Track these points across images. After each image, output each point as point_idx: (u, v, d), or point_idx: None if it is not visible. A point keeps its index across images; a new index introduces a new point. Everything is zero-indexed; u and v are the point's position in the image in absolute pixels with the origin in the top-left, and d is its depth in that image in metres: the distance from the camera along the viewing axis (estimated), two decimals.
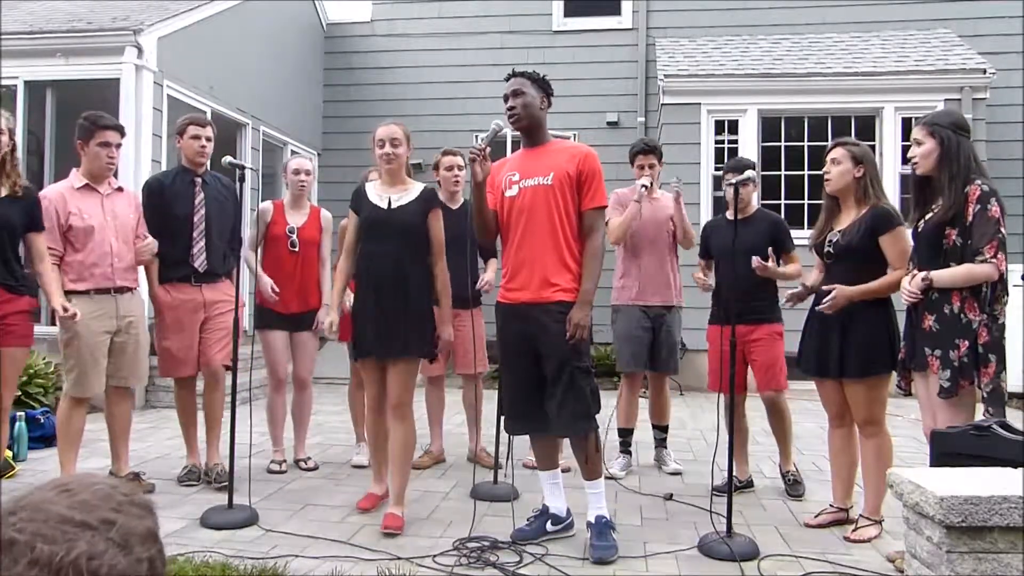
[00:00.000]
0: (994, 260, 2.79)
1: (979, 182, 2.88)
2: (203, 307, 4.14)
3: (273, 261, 4.48)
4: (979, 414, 2.85)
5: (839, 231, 3.42)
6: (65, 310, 3.56)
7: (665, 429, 4.78)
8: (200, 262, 4.13)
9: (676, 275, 4.65)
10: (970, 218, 2.85)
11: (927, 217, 3.04)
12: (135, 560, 0.73)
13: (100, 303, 3.82)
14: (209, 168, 4.30)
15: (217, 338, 4.15)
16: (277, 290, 4.38)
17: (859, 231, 3.34)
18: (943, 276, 2.88)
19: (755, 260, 3.82)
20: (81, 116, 3.92)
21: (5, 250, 3.56)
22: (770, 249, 4.02)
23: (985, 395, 2.83)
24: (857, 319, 3.33)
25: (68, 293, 3.75)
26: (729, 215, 4.13)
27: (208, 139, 4.21)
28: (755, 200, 4.44)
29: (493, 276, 4.56)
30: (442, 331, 3.58)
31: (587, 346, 3.22)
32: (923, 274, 2.90)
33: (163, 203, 4.12)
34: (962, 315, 2.86)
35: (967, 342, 2.83)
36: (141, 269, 4.13)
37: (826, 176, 3.45)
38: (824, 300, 3.34)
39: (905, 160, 7.92)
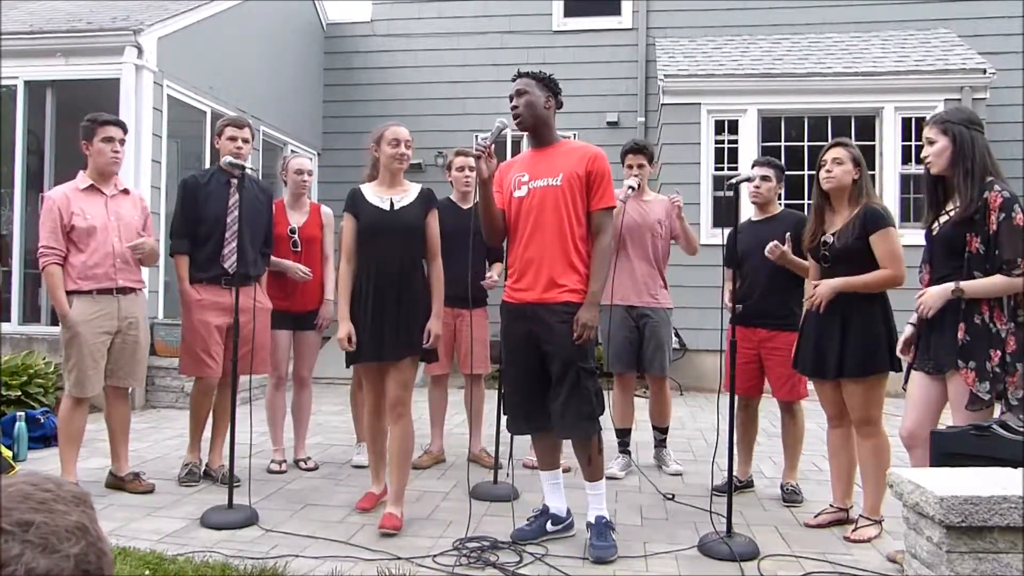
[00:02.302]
0: None
1: (998, 188, 2.83)
2: (232, 311, 4.11)
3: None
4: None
5: (832, 233, 3.41)
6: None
7: (665, 431, 4.76)
8: (231, 263, 4.11)
9: (662, 278, 4.59)
10: (994, 227, 2.79)
11: (942, 219, 2.98)
12: (61, 557, 0.71)
13: (102, 303, 3.82)
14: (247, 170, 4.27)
15: (247, 351, 4.08)
16: (308, 270, 4.40)
17: (853, 231, 3.33)
18: (975, 287, 2.80)
19: (771, 245, 3.71)
20: (84, 119, 3.93)
21: None
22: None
23: (1015, 402, 2.78)
24: (854, 319, 3.32)
25: (70, 293, 3.76)
26: (754, 216, 4.13)
27: (245, 140, 4.18)
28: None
29: (499, 275, 4.53)
30: (431, 325, 3.50)
31: (592, 347, 3.22)
32: (952, 286, 2.82)
33: (197, 202, 4.12)
34: (992, 325, 2.81)
35: (999, 352, 2.79)
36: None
37: (828, 175, 3.43)
38: (809, 298, 3.34)
39: (905, 160, 7.98)
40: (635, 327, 4.50)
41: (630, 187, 4.40)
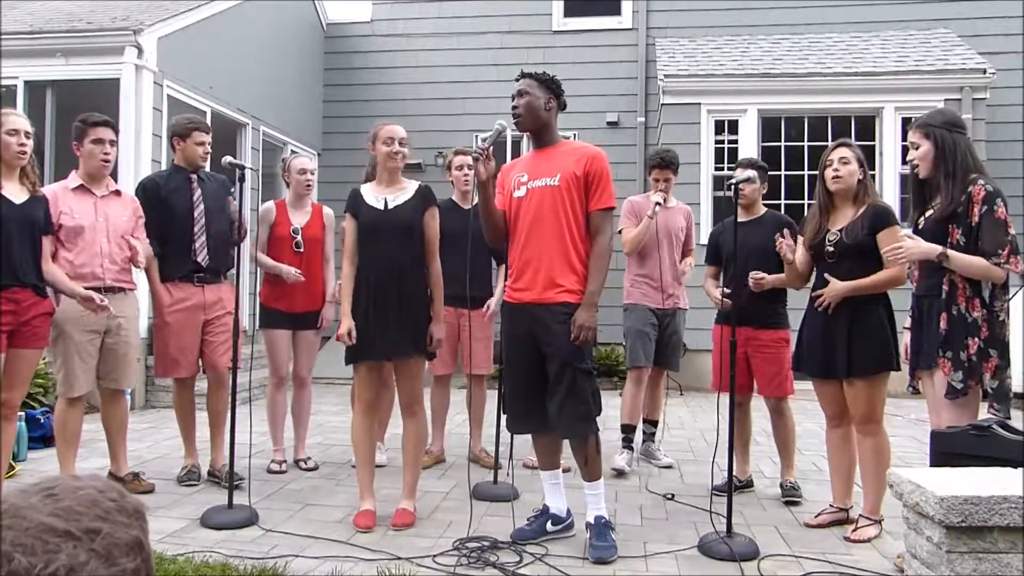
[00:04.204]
0: (1008, 265, 2.81)
1: (982, 182, 2.90)
2: (204, 308, 4.14)
3: (277, 261, 4.47)
4: (984, 412, 2.86)
5: (838, 230, 3.42)
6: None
7: (655, 424, 4.91)
8: (203, 256, 4.13)
9: (682, 279, 4.79)
10: (976, 219, 2.86)
11: (927, 215, 3.06)
12: (118, 571, 0.71)
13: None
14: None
15: (222, 340, 4.14)
16: (299, 272, 4.36)
17: (862, 228, 3.35)
18: (959, 258, 2.86)
19: (753, 276, 3.82)
20: (75, 120, 3.93)
21: (36, 252, 3.56)
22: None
23: (991, 391, 2.85)
24: (860, 319, 3.33)
25: (58, 291, 3.75)
26: (740, 217, 4.14)
27: (210, 144, 4.21)
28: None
29: (499, 296, 4.54)
30: (434, 329, 3.52)
31: (590, 348, 3.22)
32: (940, 249, 2.87)
33: (161, 202, 4.11)
34: (968, 314, 2.87)
35: (976, 340, 2.85)
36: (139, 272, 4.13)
37: (836, 174, 3.45)
38: (816, 299, 3.37)
39: (905, 160, 7.97)
40: (657, 325, 4.67)
41: (657, 203, 4.49)
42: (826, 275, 3.40)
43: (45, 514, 0.71)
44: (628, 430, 4.67)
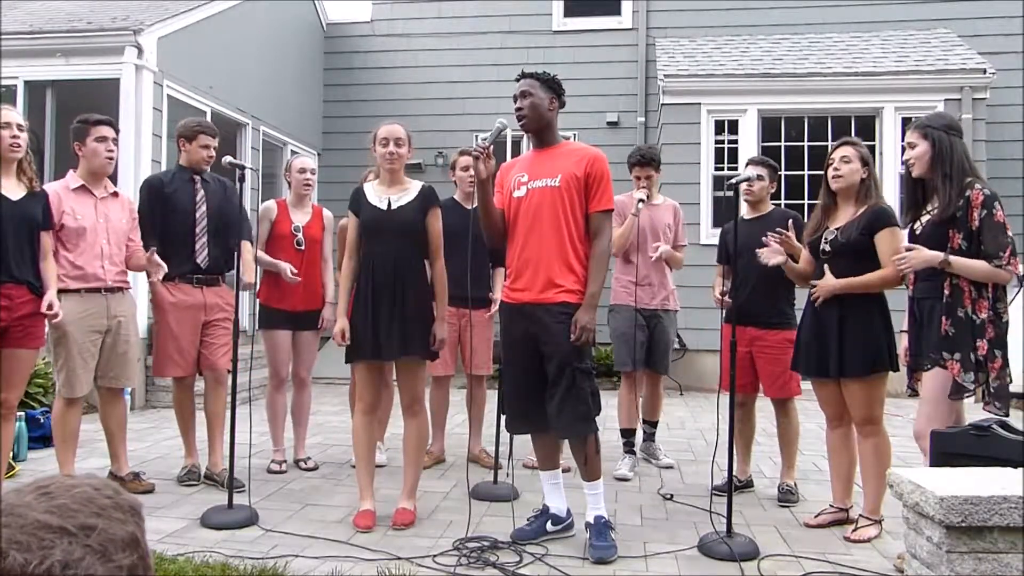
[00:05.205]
0: (1010, 267, 2.83)
1: (979, 186, 2.92)
2: (203, 309, 4.14)
3: (277, 259, 4.46)
4: (979, 413, 2.86)
5: (836, 229, 3.43)
6: (50, 307, 3.55)
7: (654, 425, 4.90)
8: (203, 258, 4.13)
9: (669, 279, 4.74)
10: (976, 223, 2.89)
11: (923, 218, 3.08)
12: (115, 567, 0.71)
13: (91, 302, 3.81)
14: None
15: (222, 342, 4.15)
16: (295, 270, 4.36)
17: (858, 228, 3.35)
18: (961, 263, 2.87)
19: (768, 246, 3.63)
20: (74, 121, 3.93)
21: (34, 250, 3.55)
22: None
23: (992, 390, 2.86)
24: (855, 319, 3.34)
25: (59, 292, 3.75)
26: (745, 215, 4.15)
27: (215, 148, 4.21)
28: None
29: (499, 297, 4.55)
30: (437, 329, 3.51)
31: (589, 348, 3.22)
32: (943, 255, 2.88)
33: (164, 201, 4.11)
34: (975, 316, 2.88)
35: (984, 342, 2.86)
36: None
37: (836, 173, 3.45)
38: (813, 295, 3.39)
39: (903, 161, 7.98)
40: (645, 327, 4.62)
41: (640, 200, 4.48)
42: (826, 268, 3.41)
43: (40, 511, 0.70)
44: (628, 434, 4.66)
